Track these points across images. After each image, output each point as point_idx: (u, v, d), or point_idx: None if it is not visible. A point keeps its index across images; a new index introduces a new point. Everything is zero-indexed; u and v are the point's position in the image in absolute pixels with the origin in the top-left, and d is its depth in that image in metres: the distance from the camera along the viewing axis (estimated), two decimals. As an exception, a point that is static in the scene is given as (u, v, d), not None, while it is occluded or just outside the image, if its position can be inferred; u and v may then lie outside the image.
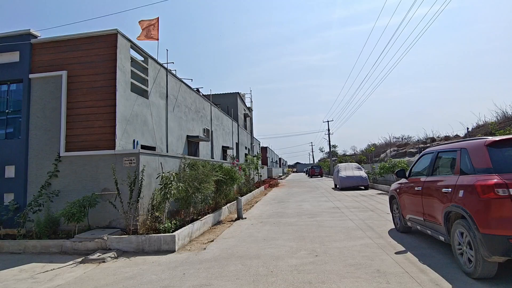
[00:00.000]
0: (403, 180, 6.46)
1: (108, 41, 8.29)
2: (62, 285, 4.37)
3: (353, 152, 56.78)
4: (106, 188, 7.29)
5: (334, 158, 50.37)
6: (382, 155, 32.04)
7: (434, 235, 4.98)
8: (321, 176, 44.83)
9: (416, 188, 5.58)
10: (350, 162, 28.73)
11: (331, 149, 50.11)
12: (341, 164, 21.57)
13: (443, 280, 3.86)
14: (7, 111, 8.56)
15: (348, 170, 19.31)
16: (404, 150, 29.88)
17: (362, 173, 18.81)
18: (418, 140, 32.70)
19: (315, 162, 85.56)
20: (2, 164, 8.02)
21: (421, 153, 6.27)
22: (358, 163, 24.09)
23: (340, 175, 18.85)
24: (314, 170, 46.16)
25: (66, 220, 6.46)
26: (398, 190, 6.63)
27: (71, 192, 7.41)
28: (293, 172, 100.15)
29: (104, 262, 5.44)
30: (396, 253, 5.10)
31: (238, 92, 26.77)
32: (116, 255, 5.76)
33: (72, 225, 6.75)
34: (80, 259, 5.63)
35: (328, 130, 48.17)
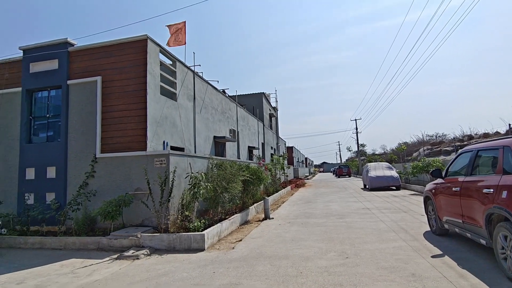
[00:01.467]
0: (439, 180, 6.15)
1: (138, 47, 8.61)
2: (100, 280, 4.60)
3: (383, 151, 54.96)
4: (139, 188, 7.58)
5: (363, 158, 48.99)
6: (415, 154, 30.72)
7: (474, 238, 4.69)
8: (349, 176, 43.76)
9: (453, 189, 5.29)
10: (380, 161, 27.81)
11: (360, 148, 48.77)
12: (371, 163, 20.94)
13: (485, 285, 3.63)
14: (47, 115, 9.15)
15: (378, 169, 18.70)
16: (438, 149, 28.46)
17: (393, 173, 18.14)
18: (454, 138, 31.01)
19: (343, 161, 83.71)
20: (44, 165, 8.58)
21: (458, 152, 5.94)
22: (389, 163, 23.26)
23: (369, 175, 18.29)
24: (342, 170, 45.16)
25: (103, 218, 6.80)
26: (433, 191, 6.31)
27: (107, 192, 7.79)
28: (320, 172, 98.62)
29: (138, 259, 5.66)
30: (432, 256, 4.86)
31: (263, 92, 26.81)
32: (149, 253, 5.97)
33: (108, 223, 7.09)
34: (115, 256, 5.90)
35: (356, 128, 46.93)
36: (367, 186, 19.31)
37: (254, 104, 25.18)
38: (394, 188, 17.90)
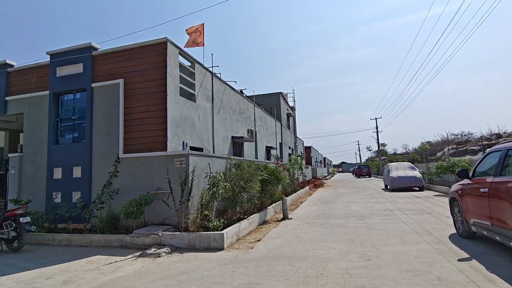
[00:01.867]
0: (466, 181, 5.90)
1: (158, 49, 8.80)
2: (124, 277, 4.73)
3: (404, 151, 53.43)
4: (160, 187, 7.75)
5: (384, 157, 47.75)
6: (439, 154, 29.66)
7: (504, 242, 4.47)
8: (369, 176, 42.84)
9: (481, 190, 5.06)
10: (402, 161, 27.05)
11: (380, 148, 47.62)
12: (392, 163, 20.39)
13: (518, 292, 3.44)
14: (73, 117, 9.51)
15: (400, 169, 18.19)
16: (464, 148, 27.34)
17: (416, 173, 17.59)
18: (481, 136, 29.69)
19: (362, 161, 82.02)
20: (70, 165, 8.93)
21: (486, 151, 5.68)
22: (411, 162, 22.58)
23: (391, 175, 17.83)
24: (362, 170, 44.27)
25: (125, 216, 7.00)
26: (460, 192, 6.07)
27: (129, 191, 8.01)
28: (339, 172, 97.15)
29: (159, 256, 5.78)
30: (459, 260, 4.67)
31: (280, 92, 26.72)
32: (169, 251, 6.09)
33: (130, 221, 7.29)
34: (138, 253, 6.05)
35: (376, 127, 45.88)
36: (388, 187, 18.84)
37: (272, 104, 25.13)
38: (417, 189, 17.35)
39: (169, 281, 4.44)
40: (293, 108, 32.77)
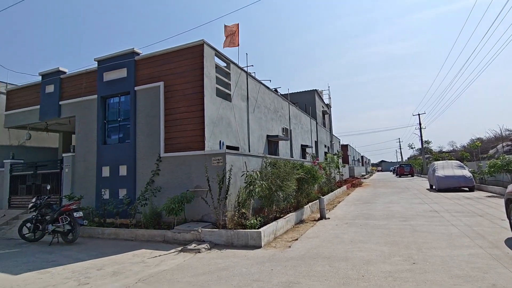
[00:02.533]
0: (526, 180, 5.36)
1: (195, 52, 9.07)
2: (167, 270, 4.95)
3: (451, 148, 49.93)
4: (198, 185, 7.99)
5: (428, 156, 44.99)
6: (491, 151, 27.29)
7: None
8: (412, 176, 40.56)
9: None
10: (449, 159, 25.30)
11: (424, 145, 44.90)
12: (438, 162, 19.12)
13: None
14: (118, 119, 10.13)
15: (447, 168, 17.00)
16: (521, 145, 24.85)
17: (466, 172, 16.32)
18: (541, 132, 26.78)
19: (404, 160, 77.96)
20: (117, 164, 9.52)
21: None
22: (460, 161, 21.01)
23: (436, 174, 16.73)
24: (403, 169, 42.02)
25: (167, 213, 7.32)
26: (518, 192, 5.53)
27: (170, 188, 8.36)
28: (378, 171, 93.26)
29: (199, 252, 5.97)
30: (518, 267, 4.26)
31: (315, 89, 26.24)
32: (209, 247, 6.26)
33: (171, 218, 7.61)
34: (179, 248, 6.29)
35: (420, 124, 43.31)
36: (433, 187, 17.71)
37: (307, 101, 24.77)
38: (466, 189, 16.12)
39: (209, 276, 4.57)
40: (328, 106, 32.05)
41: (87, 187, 9.88)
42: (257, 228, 6.65)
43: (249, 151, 11.48)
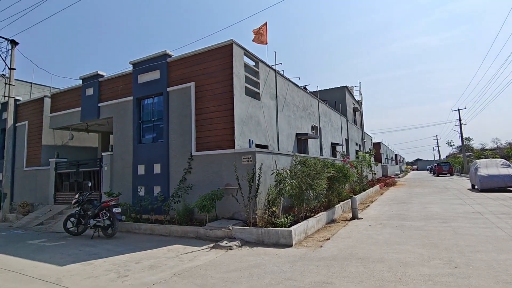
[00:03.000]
0: None
1: (225, 52, 9.18)
2: (200, 266, 5.07)
3: (495, 146, 46.52)
4: (229, 184, 8.10)
5: (469, 153, 42.24)
6: (542, 149, 25.04)
7: None
8: (451, 175, 38.25)
9: None
10: (493, 157, 23.58)
11: (464, 143, 42.18)
12: (481, 160, 17.88)
13: None
14: (152, 119, 10.52)
15: (491, 167, 15.83)
16: None
17: (512, 171, 15.12)
18: None
19: (442, 158, 73.80)
20: (151, 162, 9.90)
21: None
22: (505, 159, 19.50)
23: (479, 173, 15.65)
24: (441, 168, 39.72)
25: (199, 210, 7.50)
26: None
27: (201, 186, 8.55)
28: (413, 170, 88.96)
29: (231, 249, 6.05)
30: None
31: (345, 86, 25.59)
32: (240, 244, 6.33)
33: (203, 215, 7.79)
34: (211, 245, 6.43)
35: (460, 120, 40.68)
36: (476, 187, 16.59)
37: (337, 98, 24.23)
38: (513, 189, 14.93)
39: (241, 273, 4.61)
40: (359, 102, 31.10)
41: (124, 184, 10.37)
42: (288, 227, 6.62)
43: (278, 150, 11.44)
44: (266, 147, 10.70)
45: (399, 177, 37.68)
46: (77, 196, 8.76)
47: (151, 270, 4.96)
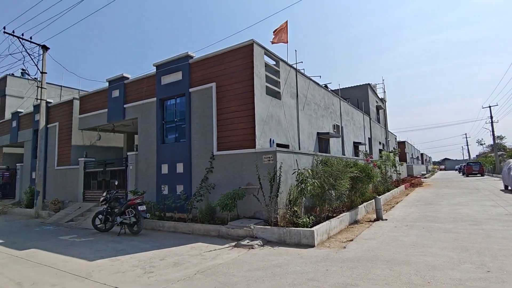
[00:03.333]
0: None
1: (245, 52, 9.21)
2: (223, 264, 5.12)
3: (530, 144, 43.83)
4: (250, 183, 8.12)
5: (501, 152, 40.04)
6: None
7: None
8: (482, 175, 36.40)
9: None
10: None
11: (496, 141, 40.01)
12: (514, 159, 16.91)
13: None
14: (175, 120, 10.74)
15: (526, 167, 14.95)
16: None
17: (550, 172, 14.19)
18: None
19: (472, 157, 70.38)
20: (174, 162, 10.11)
21: None
22: (542, 158, 18.31)
23: (512, 173, 14.81)
24: (471, 168, 37.86)
25: (221, 209, 7.57)
26: None
27: (223, 185, 8.64)
28: (440, 169, 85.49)
29: (252, 248, 6.07)
30: None
31: (368, 84, 24.97)
32: (261, 243, 6.33)
33: (225, 214, 7.86)
34: (233, 243, 6.48)
35: (491, 117, 38.63)
36: (509, 187, 15.72)
37: (359, 96, 23.69)
38: (551, 190, 14.00)
39: (264, 272, 4.62)
40: (383, 100, 30.28)
41: (149, 183, 10.66)
42: (310, 227, 6.55)
43: (299, 149, 11.35)
44: (287, 146, 10.64)
45: (425, 177, 36.33)
46: (104, 194, 9.10)
47: (175, 267, 5.07)
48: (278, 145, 9.97)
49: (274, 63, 10.79)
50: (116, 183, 10.81)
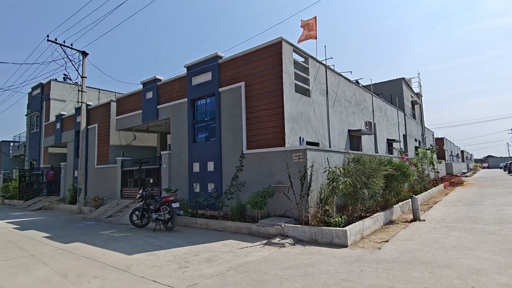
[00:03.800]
0: None
1: (274, 50, 9.18)
2: (255, 262, 5.16)
3: None
4: (280, 181, 8.10)
5: (553, 149, 36.53)
6: None
7: None
8: (531, 174, 33.54)
9: None
10: None
11: (547, 137, 36.57)
12: None
13: None
14: (205, 119, 10.96)
15: None
16: None
17: None
18: None
19: (518, 154, 64.89)
20: (205, 160, 10.33)
21: None
22: None
23: None
24: (518, 166, 35.05)
25: (252, 207, 7.63)
26: None
27: (252, 184, 8.69)
28: (483, 167, 79.83)
29: (283, 247, 6.05)
30: None
31: (403, 78, 23.91)
32: (293, 242, 6.30)
33: (255, 212, 7.91)
34: (264, 241, 6.50)
35: (540, 111, 35.40)
36: None
37: (392, 92, 22.77)
38: None
39: (296, 271, 4.59)
40: (418, 95, 28.83)
41: (181, 181, 10.99)
42: (342, 227, 6.41)
43: (330, 147, 11.12)
44: (317, 144, 10.48)
45: (466, 176, 34.10)
46: (140, 191, 9.51)
47: (209, 263, 5.19)
48: (308, 143, 9.84)
49: (303, 60, 10.65)
50: (151, 181, 11.26)
